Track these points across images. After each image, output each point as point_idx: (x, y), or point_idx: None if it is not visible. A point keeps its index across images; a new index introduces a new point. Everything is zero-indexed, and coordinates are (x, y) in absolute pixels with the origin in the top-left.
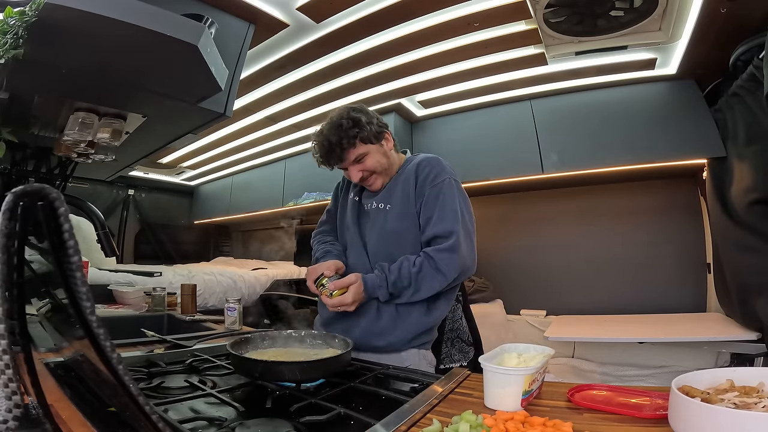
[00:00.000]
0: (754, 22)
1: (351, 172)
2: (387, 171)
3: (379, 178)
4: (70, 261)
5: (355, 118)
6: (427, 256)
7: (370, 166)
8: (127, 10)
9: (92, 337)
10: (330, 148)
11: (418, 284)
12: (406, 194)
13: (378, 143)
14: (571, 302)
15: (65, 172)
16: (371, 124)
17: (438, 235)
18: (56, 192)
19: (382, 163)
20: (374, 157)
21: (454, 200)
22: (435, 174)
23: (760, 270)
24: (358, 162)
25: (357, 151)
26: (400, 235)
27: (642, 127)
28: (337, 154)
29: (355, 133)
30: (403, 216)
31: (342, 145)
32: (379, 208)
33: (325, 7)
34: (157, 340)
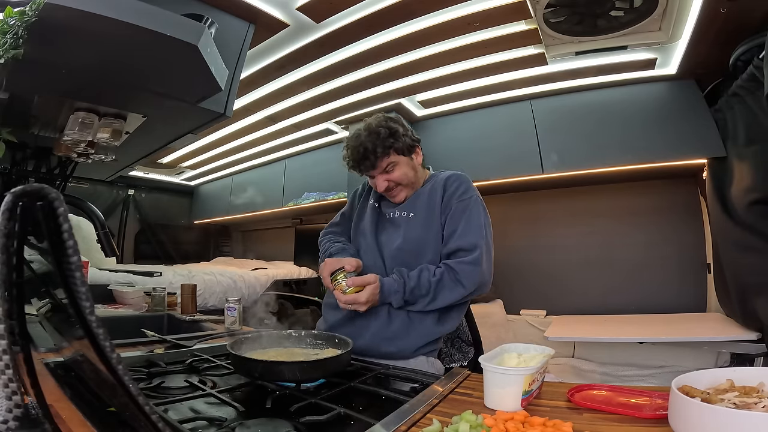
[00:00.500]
0: (754, 22)
1: (378, 181)
2: (412, 184)
3: (404, 190)
4: (70, 261)
5: (392, 128)
6: (448, 268)
7: (396, 178)
8: (127, 10)
9: (92, 337)
10: (364, 155)
11: (435, 293)
12: (432, 205)
13: (409, 156)
14: (571, 302)
15: (65, 172)
16: (406, 135)
17: (462, 248)
18: (55, 192)
19: (409, 176)
20: (403, 168)
21: (479, 216)
22: (464, 190)
23: (760, 270)
24: (387, 172)
25: (389, 160)
26: (422, 244)
27: (642, 127)
28: (370, 161)
29: (390, 143)
30: (427, 226)
31: (377, 152)
32: (402, 216)
33: (325, 7)
34: (157, 340)
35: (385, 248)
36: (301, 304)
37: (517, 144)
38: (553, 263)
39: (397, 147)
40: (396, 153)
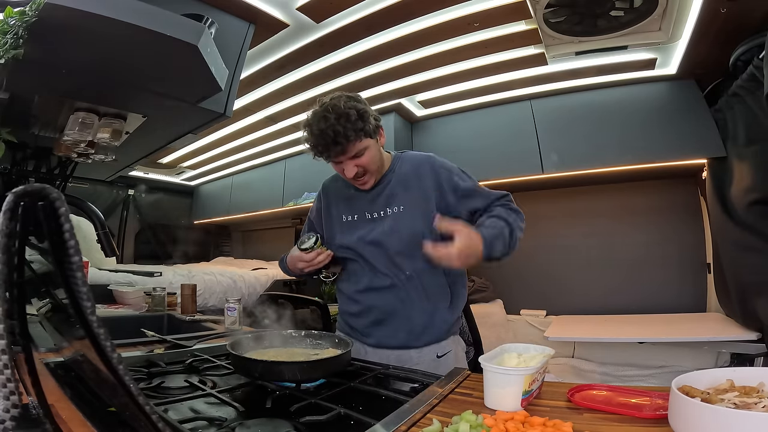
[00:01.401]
0: (754, 22)
1: (346, 167)
2: (379, 169)
3: (372, 176)
4: (71, 261)
5: (360, 110)
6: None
7: (366, 163)
8: (127, 10)
9: (92, 337)
10: (335, 140)
11: (512, 225)
12: (424, 194)
13: (375, 138)
14: (571, 302)
15: (65, 172)
16: (372, 116)
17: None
18: (57, 192)
19: (376, 160)
20: (371, 153)
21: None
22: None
23: (760, 270)
24: (357, 156)
25: (360, 144)
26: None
27: (642, 127)
28: (341, 146)
29: (361, 126)
30: (419, 216)
31: (348, 137)
32: (394, 212)
33: (325, 7)
34: (157, 340)
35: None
36: (301, 304)
37: (517, 144)
38: (553, 263)
39: (367, 130)
40: (366, 136)
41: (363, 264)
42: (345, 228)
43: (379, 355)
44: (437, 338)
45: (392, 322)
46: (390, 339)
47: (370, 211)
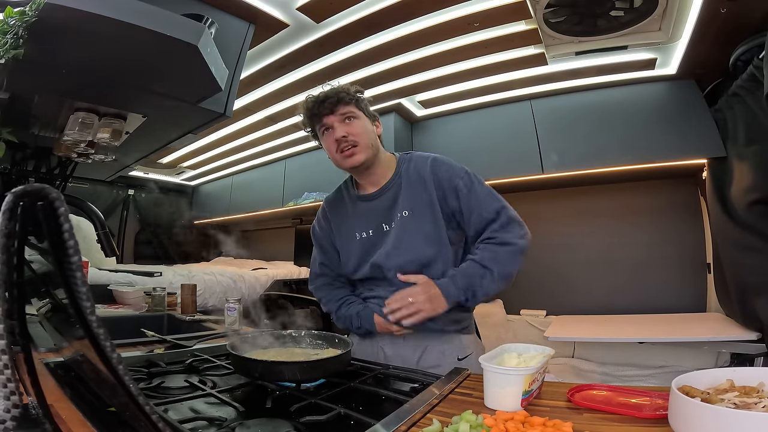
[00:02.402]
0: (754, 22)
1: (335, 128)
2: (370, 149)
3: (362, 151)
4: (70, 261)
5: (356, 89)
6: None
7: (355, 131)
8: (127, 10)
9: (92, 337)
10: (324, 99)
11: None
12: (429, 197)
13: (370, 120)
14: (571, 302)
15: (65, 172)
16: (368, 103)
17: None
18: (56, 192)
19: (369, 137)
20: (364, 125)
21: (483, 186)
22: (456, 170)
23: (760, 270)
24: (347, 120)
25: (349, 108)
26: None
27: (642, 127)
28: (330, 102)
29: (353, 96)
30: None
31: (339, 97)
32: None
33: (325, 7)
34: (157, 340)
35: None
36: (301, 304)
37: (517, 144)
38: (553, 263)
39: (360, 104)
40: (357, 107)
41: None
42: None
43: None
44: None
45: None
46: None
47: (385, 222)
